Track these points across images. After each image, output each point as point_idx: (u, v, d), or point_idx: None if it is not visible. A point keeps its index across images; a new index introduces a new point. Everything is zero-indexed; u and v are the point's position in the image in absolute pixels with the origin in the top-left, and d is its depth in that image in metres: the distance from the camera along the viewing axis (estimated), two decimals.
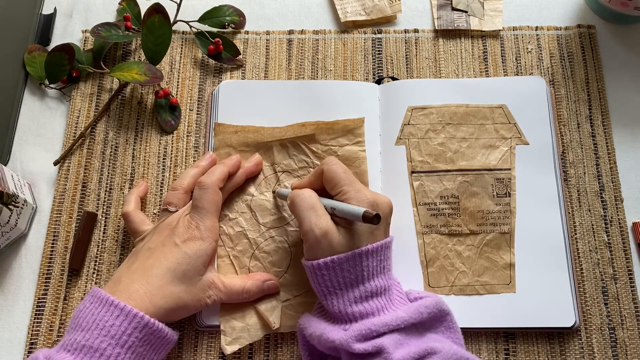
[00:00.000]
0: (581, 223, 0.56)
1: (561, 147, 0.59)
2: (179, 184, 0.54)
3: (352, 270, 0.45)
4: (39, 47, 0.63)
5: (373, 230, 0.47)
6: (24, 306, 0.55)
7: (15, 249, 0.57)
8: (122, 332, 0.44)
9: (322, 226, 0.45)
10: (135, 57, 0.65)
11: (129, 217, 0.54)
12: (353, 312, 0.45)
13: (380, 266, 0.46)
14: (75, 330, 0.44)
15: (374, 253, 0.46)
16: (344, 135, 0.57)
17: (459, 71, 0.62)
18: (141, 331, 0.45)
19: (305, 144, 0.57)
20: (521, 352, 0.52)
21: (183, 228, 0.50)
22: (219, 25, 0.65)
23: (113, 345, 0.43)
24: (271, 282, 0.53)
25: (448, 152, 0.57)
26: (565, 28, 0.64)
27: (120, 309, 0.44)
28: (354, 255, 0.45)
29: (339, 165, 0.49)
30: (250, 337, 0.52)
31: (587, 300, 0.54)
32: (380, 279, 0.46)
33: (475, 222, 0.55)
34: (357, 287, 0.45)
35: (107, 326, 0.44)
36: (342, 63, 0.63)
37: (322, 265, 0.45)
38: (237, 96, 0.60)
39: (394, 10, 0.65)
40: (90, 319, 0.44)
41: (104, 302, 0.45)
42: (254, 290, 0.52)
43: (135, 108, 0.62)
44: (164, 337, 0.47)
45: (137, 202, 0.56)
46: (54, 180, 0.59)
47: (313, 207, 0.47)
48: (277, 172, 0.57)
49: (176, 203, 0.53)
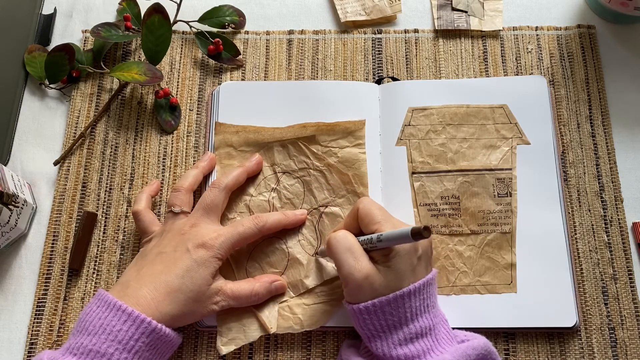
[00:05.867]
0: (581, 223, 0.56)
1: (561, 147, 0.59)
2: (181, 184, 0.54)
3: (394, 312, 0.44)
4: (39, 47, 0.63)
5: (414, 267, 0.45)
6: (24, 306, 0.55)
7: (15, 249, 0.57)
8: (129, 337, 0.44)
9: (362, 269, 0.44)
10: (135, 57, 0.65)
11: (139, 216, 0.54)
12: (398, 355, 0.43)
13: (423, 305, 0.45)
14: (81, 333, 0.44)
15: (417, 292, 0.44)
16: (344, 137, 0.57)
17: (459, 71, 0.62)
18: (148, 336, 0.45)
19: (306, 145, 0.57)
20: (521, 352, 0.52)
21: (194, 234, 0.50)
22: (219, 25, 0.65)
23: (120, 350, 0.43)
24: (279, 282, 0.52)
25: (449, 152, 0.57)
26: (565, 28, 0.64)
27: (128, 314, 0.44)
28: (396, 297, 0.44)
29: (373, 203, 0.48)
30: (246, 338, 0.51)
31: (587, 300, 0.54)
32: (425, 319, 0.45)
33: (476, 222, 0.55)
34: (400, 329, 0.44)
35: (114, 331, 0.44)
36: (342, 63, 0.63)
37: (364, 309, 0.44)
38: (237, 97, 0.60)
39: (394, 10, 0.65)
40: (97, 323, 0.44)
41: (111, 306, 0.45)
42: (262, 292, 0.51)
43: (135, 108, 0.62)
44: (169, 341, 0.47)
45: (148, 201, 0.55)
46: (54, 180, 0.59)
47: (350, 249, 0.45)
48: (276, 173, 0.57)
49: (179, 204, 0.53)
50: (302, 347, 0.53)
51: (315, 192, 0.56)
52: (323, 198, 0.56)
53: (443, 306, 0.52)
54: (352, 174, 0.56)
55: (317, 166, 0.56)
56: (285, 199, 0.56)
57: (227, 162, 0.57)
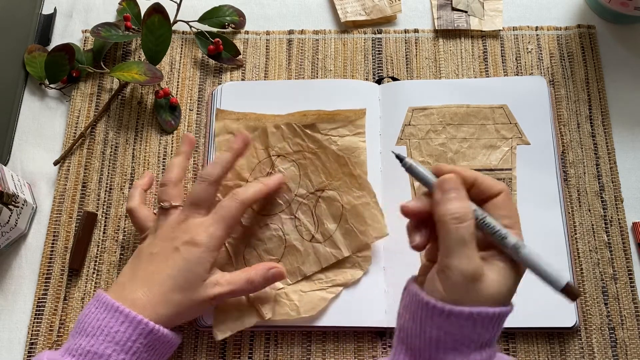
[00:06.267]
0: (581, 223, 0.56)
1: (561, 147, 0.59)
2: (167, 178, 0.52)
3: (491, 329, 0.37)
4: (39, 47, 0.63)
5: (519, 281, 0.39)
6: (24, 306, 0.55)
7: (15, 249, 0.57)
8: (127, 339, 0.44)
9: (472, 270, 0.36)
10: (135, 57, 0.65)
11: (133, 213, 0.52)
12: None
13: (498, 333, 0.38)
14: (80, 335, 0.44)
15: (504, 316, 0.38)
16: (344, 125, 0.57)
17: (459, 71, 0.62)
18: (146, 337, 0.44)
19: (300, 127, 0.56)
20: (521, 352, 0.52)
21: (183, 231, 0.48)
22: (219, 25, 0.65)
23: (118, 351, 0.43)
24: (276, 269, 0.50)
25: (449, 152, 0.57)
26: (565, 28, 0.64)
27: (125, 316, 0.44)
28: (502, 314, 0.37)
29: None
30: (242, 324, 0.51)
31: (587, 300, 0.54)
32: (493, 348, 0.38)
33: None
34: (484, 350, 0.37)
35: (112, 332, 0.44)
36: (342, 63, 0.63)
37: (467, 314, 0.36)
38: (237, 97, 0.60)
39: (394, 10, 0.65)
40: (96, 324, 0.44)
41: (109, 307, 0.45)
42: (258, 280, 0.49)
43: (135, 108, 0.62)
44: (167, 341, 0.47)
45: (141, 197, 0.54)
46: (54, 180, 0.59)
47: (465, 243, 0.37)
48: (271, 157, 0.56)
49: (168, 199, 0.51)
50: (302, 346, 0.53)
51: (312, 175, 0.55)
52: (320, 182, 0.55)
53: None
54: (352, 162, 0.55)
55: (312, 148, 0.56)
56: None
57: (227, 149, 0.57)
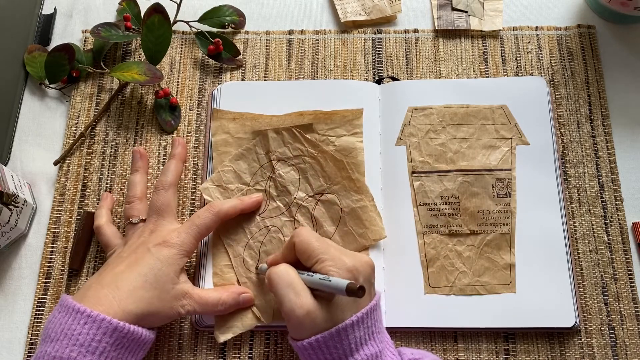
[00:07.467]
0: (581, 223, 0.56)
1: (561, 147, 0.59)
2: (132, 194, 0.55)
3: (339, 345, 0.43)
4: (39, 47, 0.63)
5: None
6: (24, 306, 0.55)
7: (15, 249, 0.57)
8: (90, 339, 0.43)
9: (304, 305, 0.43)
10: (135, 57, 0.65)
11: (101, 230, 0.54)
12: None
13: (368, 333, 0.45)
14: (45, 342, 0.44)
15: (360, 322, 0.44)
16: (341, 125, 0.57)
17: (459, 71, 0.62)
18: (111, 336, 0.44)
19: (300, 132, 0.57)
20: (521, 352, 0.52)
21: (154, 237, 0.50)
22: (219, 25, 0.65)
23: (83, 353, 0.43)
24: (246, 295, 0.52)
25: (448, 152, 0.57)
26: (565, 28, 0.64)
27: (87, 316, 0.44)
28: (339, 331, 0.43)
29: (311, 234, 0.47)
30: (243, 326, 0.52)
31: (587, 300, 0.54)
32: (370, 346, 0.44)
33: (475, 223, 0.55)
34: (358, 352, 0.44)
35: (75, 335, 0.43)
36: (342, 63, 0.63)
37: (308, 345, 0.44)
38: (237, 97, 0.60)
39: (394, 10, 0.65)
40: (59, 329, 0.44)
41: (70, 310, 0.44)
42: (229, 302, 0.51)
43: (135, 108, 0.62)
44: (138, 338, 0.46)
45: (108, 216, 0.56)
46: (54, 180, 0.59)
47: (291, 284, 0.44)
48: (272, 161, 0.57)
49: (137, 214, 0.53)
50: None
51: (311, 179, 0.56)
52: (319, 185, 0.55)
53: (443, 306, 0.52)
54: (349, 162, 0.56)
55: (311, 153, 0.56)
56: (281, 186, 0.56)
57: (224, 150, 0.57)
